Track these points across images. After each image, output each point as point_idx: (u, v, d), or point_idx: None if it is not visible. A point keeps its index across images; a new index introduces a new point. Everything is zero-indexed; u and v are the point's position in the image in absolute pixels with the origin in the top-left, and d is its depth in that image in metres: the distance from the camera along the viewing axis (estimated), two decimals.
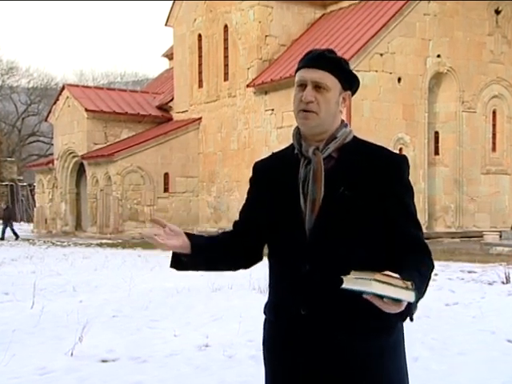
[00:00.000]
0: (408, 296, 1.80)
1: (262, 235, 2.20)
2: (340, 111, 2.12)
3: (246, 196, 2.30)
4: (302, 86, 2.09)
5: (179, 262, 2.16)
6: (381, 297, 1.78)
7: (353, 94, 2.17)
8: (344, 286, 1.79)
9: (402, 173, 2.09)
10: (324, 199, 2.06)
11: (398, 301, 1.79)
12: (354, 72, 2.16)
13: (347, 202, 2.04)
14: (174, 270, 2.24)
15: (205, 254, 2.17)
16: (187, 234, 2.14)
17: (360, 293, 1.78)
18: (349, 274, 1.81)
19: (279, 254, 2.15)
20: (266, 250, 2.27)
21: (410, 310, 1.86)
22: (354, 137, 2.15)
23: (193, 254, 2.13)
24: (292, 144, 2.18)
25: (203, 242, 2.19)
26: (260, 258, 2.29)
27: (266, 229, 2.18)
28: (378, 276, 1.77)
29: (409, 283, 1.80)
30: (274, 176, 2.16)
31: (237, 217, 2.30)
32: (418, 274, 1.94)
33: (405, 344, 2.18)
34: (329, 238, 2.05)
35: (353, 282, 1.79)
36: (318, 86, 2.06)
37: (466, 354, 5.70)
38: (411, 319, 2.01)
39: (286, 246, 2.11)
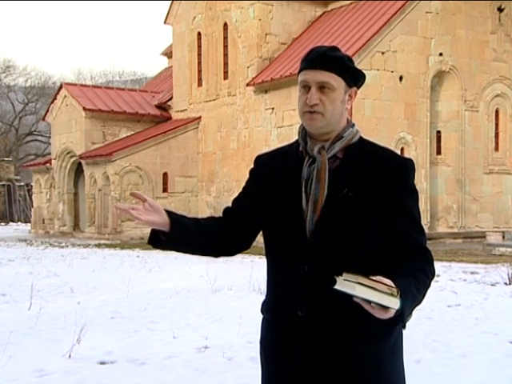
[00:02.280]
0: (392, 303, 1.75)
1: (252, 226, 2.17)
2: (346, 108, 2.09)
3: (243, 185, 2.24)
4: (306, 87, 2.05)
5: (157, 240, 2.10)
6: (369, 301, 1.74)
7: (358, 88, 2.13)
8: (336, 286, 1.75)
9: (407, 177, 2.07)
10: (327, 200, 2.02)
11: (385, 307, 1.74)
12: (358, 68, 2.11)
13: (350, 203, 2.01)
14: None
15: (184, 234, 2.10)
16: (168, 213, 2.08)
17: (350, 296, 1.74)
18: (342, 275, 1.77)
19: (278, 252, 2.11)
20: (263, 249, 2.19)
21: (401, 317, 1.81)
22: (361, 137, 2.12)
23: (171, 232, 2.06)
24: (296, 140, 2.15)
25: (184, 222, 2.13)
26: (246, 247, 2.25)
27: (264, 225, 2.14)
28: (362, 280, 1.73)
29: (394, 290, 1.75)
30: (276, 172, 2.13)
31: None
32: (415, 280, 1.91)
33: (403, 347, 2.14)
34: (330, 240, 2.02)
35: (342, 283, 1.75)
36: (322, 87, 2.03)
37: (468, 356, 5.67)
38: (403, 326, 1.96)
39: (286, 245, 2.07)
